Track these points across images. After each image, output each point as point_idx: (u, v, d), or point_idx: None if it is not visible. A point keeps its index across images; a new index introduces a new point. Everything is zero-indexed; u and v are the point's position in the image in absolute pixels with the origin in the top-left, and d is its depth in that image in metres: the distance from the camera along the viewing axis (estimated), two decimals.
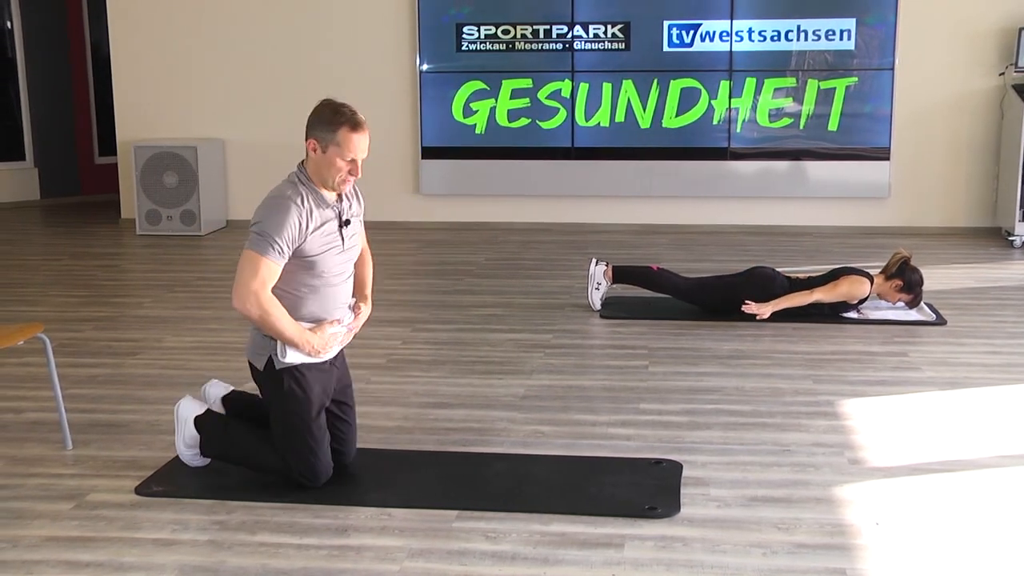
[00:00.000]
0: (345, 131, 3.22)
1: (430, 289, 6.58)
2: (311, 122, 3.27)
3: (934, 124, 8.18)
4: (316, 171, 3.28)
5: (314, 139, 3.25)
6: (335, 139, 3.22)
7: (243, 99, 8.70)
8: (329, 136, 3.22)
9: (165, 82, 8.75)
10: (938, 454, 3.73)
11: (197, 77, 8.72)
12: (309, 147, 3.25)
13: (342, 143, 3.22)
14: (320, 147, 3.24)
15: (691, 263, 6.94)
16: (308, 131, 3.27)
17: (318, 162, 3.25)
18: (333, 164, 3.24)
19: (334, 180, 3.27)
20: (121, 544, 3.06)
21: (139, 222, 8.45)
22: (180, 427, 3.56)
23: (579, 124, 8.38)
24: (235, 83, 8.69)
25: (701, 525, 3.16)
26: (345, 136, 3.22)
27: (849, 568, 2.90)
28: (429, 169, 8.57)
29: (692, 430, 3.96)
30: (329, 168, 3.25)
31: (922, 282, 5.63)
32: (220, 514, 3.25)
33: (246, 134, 8.74)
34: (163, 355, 5.05)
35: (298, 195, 3.25)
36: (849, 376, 4.63)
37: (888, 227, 8.22)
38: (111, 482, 3.49)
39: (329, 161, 3.24)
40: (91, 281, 6.82)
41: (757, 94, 8.20)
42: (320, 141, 3.24)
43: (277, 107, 8.63)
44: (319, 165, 3.26)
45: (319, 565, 2.92)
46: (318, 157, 3.25)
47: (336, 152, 3.23)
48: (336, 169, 3.25)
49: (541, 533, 3.10)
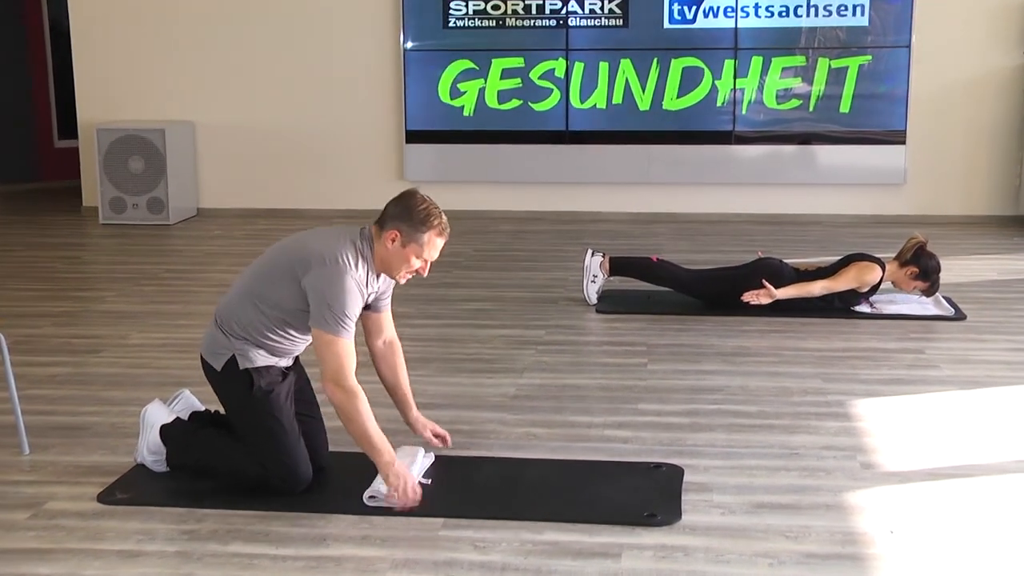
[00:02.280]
0: (433, 235, 3.34)
1: (415, 282, 6.49)
2: (398, 213, 3.33)
3: (954, 105, 8.19)
4: (385, 259, 3.36)
5: (397, 231, 3.32)
6: (421, 239, 3.32)
7: (215, 79, 8.67)
8: (416, 235, 3.31)
9: (130, 60, 8.72)
10: (957, 458, 3.74)
11: (165, 54, 8.68)
12: (388, 236, 3.32)
13: (426, 245, 3.33)
14: (402, 241, 3.32)
15: (693, 254, 6.95)
16: (391, 220, 3.33)
17: (393, 253, 3.34)
18: (407, 260, 3.34)
19: (399, 273, 3.38)
20: (82, 556, 3.05)
21: (102, 210, 8.42)
22: (145, 432, 3.57)
23: (574, 106, 8.38)
24: (206, 61, 8.66)
25: (704, 533, 3.16)
26: (431, 240, 3.34)
27: None
28: (414, 154, 8.56)
29: (694, 432, 3.97)
30: (401, 263, 3.35)
31: (939, 269, 5.62)
32: (189, 523, 3.24)
33: (218, 116, 8.71)
34: (128, 353, 5.03)
35: (358, 272, 3.31)
36: (862, 374, 4.64)
37: (904, 216, 8.23)
38: (71, 489, 3.48)
39: (405, 257, 3.34)
40: (50, 274, 6.80)
41: (764, 74, 8.20)
42: (404, 235, 3.32)
43: (251, 87, 8.61)
44: (392, 256, 3.34)
45: None
46: (394, 249, 3.33)
47: (415, 251, 3.33)
48: (408, 266, 3.36)
49: (533, 542, 3.10)
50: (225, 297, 3.48)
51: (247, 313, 3.37)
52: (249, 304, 3.37)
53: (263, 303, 3.35)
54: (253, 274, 3.43)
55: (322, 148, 8.65)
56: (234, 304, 3.41)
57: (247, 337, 3.38)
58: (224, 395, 3.47)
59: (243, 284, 3.43)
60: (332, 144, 8.64)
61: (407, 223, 3.31)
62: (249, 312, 3.37)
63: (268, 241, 8.09)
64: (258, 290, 3.37)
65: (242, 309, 3.38)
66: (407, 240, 3.31)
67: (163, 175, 8.33)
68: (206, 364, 3.46)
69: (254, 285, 3.39)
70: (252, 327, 3.37)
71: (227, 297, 3.46)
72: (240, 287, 3.43)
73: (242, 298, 3.39)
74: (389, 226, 3.33)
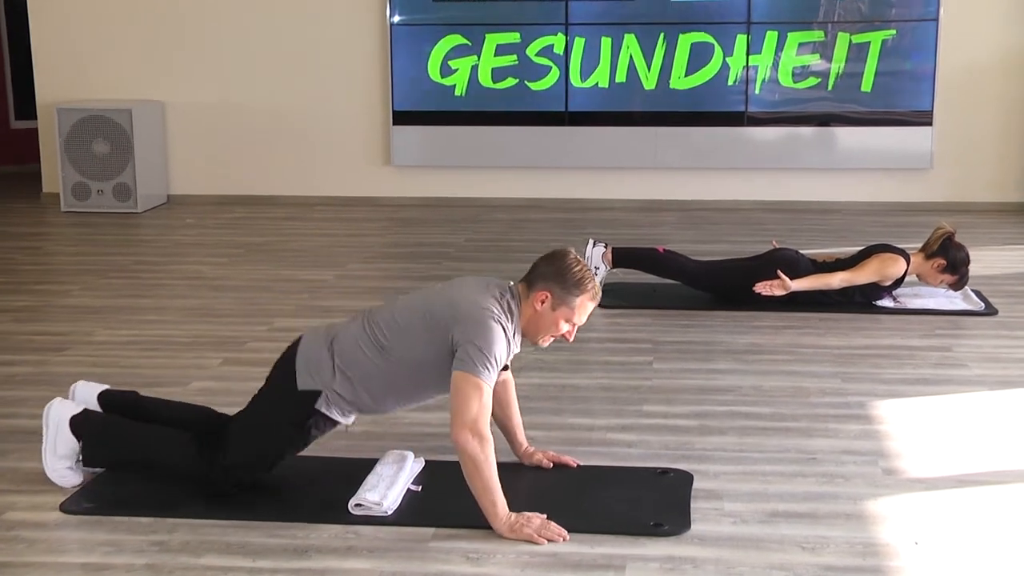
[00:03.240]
0: (586, 299, 3.39)
1: (403, 274, 6.57)
2: (550, 273, 3.37)
3: (984, 84, 8.20)
4: (532, 320, 3.39)
5: (548, 293, 3.35)
6: (573, 303, 3.37)
7: (186, 54, 8.66)
8: (568, 298, 3.36)
9: (94, 32, 8.70)
10: (987, 463, 3.75)
11: (132, 27, 8.67)
12: (538, 297, 3.36)
13: (577, 309, 3.38)
14: (552, 303, 3.36)
15: (702, 244, 6.96)
16: (541, 280, 3.37)
17: (542, 316, 3.37)
18: (556, 324, 3.38)
19: (543, 337, 3.42)
20: (44, 570, 3.05)
21: (64, 197, 8.41)
22: (50, 433, 3.53)
23: (574, 85, 8.38)
24: (177, 35, 8.64)
25: (714, 544, 3.17)
26: (583, 304, 3.39)
27: None
28: (402, 137, 8.56)
29: (703, 435, 3.98)
30: (549, 326, 3.39)
31: (968, 261, 5.63)
32: (160, 533, 3.25)
33: (190, 95, 8.70)
34: (94, 351, 5.04)
35: (506, 329, 3.31)
36: (884, 374, 4.65)
37: (929, 203, 8.23)
38: (32, 498, 3.48)
39: (554, 320, 3.38)
40: (9, 266, 6.80)
41: (779, 50, 8.21)
42: (555, 298, 3.36)
43: (226, 64, 8.60)
44: (541, 318, 3.38)
45: None
46: (543, 311, 3.37)
47: (566, 314, 3.37)
48: (556, 329, 3.40)
49: (530, 554, 3.11)
50: (349, 329, 3.43)
51: (372, 363, 3.35)
52: (378, 354, 3.35)
53: (393, 354, 3.34)
54: (388, 324, 3.38)
55: (302, 130, 8.64)
56: (360, 347, 3.37)
57: (353, 386, 3.36)
58: (274, 394, 3.45)
59: (375, 331, 3.38)
60: (313, 126, 8.63)
61: (559, 285, 3.35)
62: (375, 361, 3.35)
63: (244, 230, 8.10)
64: (392, 342, 3.35)
65: (365, 356, 3.36)
66: (558, 303, 3.35)
67: (130, 159, 8.32)
68: (289, 367, 3.42)
69: (390, 337, 3.36)
70: (369, 378, 3.35)
71: (352, 331, 3.42)
72: (370, 332, 3.39)
73: (371, 346, 3.36)
74: (539, 286, 3.36)
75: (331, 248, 7.18)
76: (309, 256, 6.94)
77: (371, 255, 7.07)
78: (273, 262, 6.76)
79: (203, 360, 4.86)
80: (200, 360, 4.86)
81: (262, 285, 6.18)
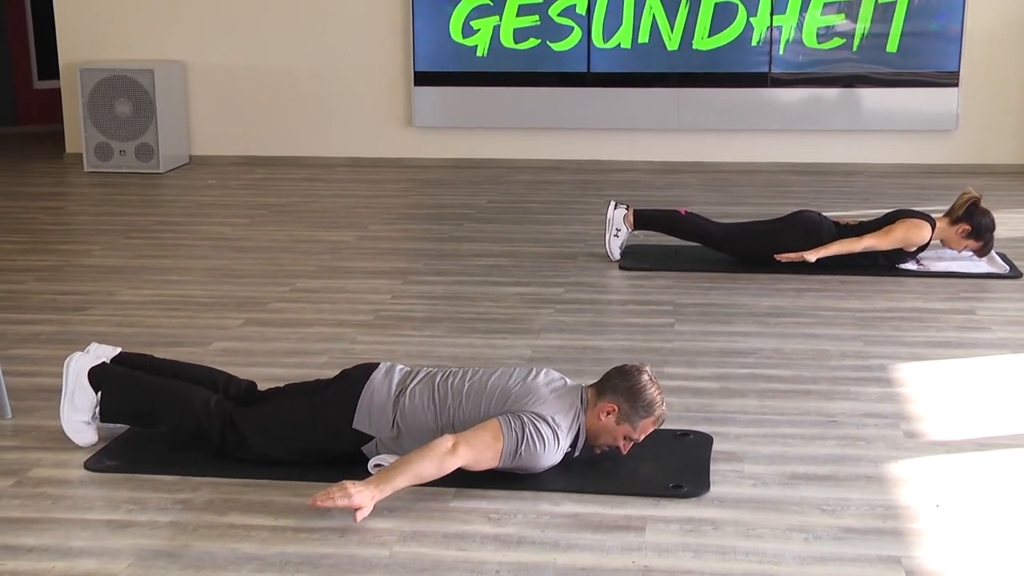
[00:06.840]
0: (651, 422, 3.37)
1: (425, 235, 6.58)
2: (622, 388, 3.35)
3: (1012, 44, 8.11)
4: (595, 429, 3.38)
5: (616, 407, 3.34)
6: (639, 423, 3.35)
7: (208, 14, 8.64)
8: (635, 418, 3.34)
9: None
10: (1009, 427, 3.74)
11: None
12: (604, 408, 3.34)
13: (639, 429, 3.36)
14: (618, 418, 3.35)
15: (724, 206, 6.93)
16: (611, 393, 3.35)
17: (604, 426, 3.36)
18: (616, 437, 3.37)
19: (603, 445, 3.40)
20: (70, 526, 3.08)
21: (87, 157, 8.43)
22: (69, 385, 3.53)
23: (596, 46, 8.33)
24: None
25: (734, 506, 3.18)
26: (647, 425, 3.37)
27: (904, 556, 2.92)
28: (423, 98, 8.54)
29: (724, 398, 3.98)
30: (608, 437, 3.38)
31: (994, 227, 5.60)
32: (184, 491, 3.27)
33: (212, 55, 8.69)
34: (116, 310, 5.06)
35: (564, 434, 3.30)
36: (906, 337, 4.64)
37: (955, 165, 8.18)
38: (57, 456, 3.51)
39: (615, 433, 3.37)
40: (32, 225, 6.83)
41: (803, 10, 8.13)
42: (622, 413, 3.34)
43: (248, 24, 8.58)
44: (603, 429, 3.36)
45: (297, 550, 2.95)
46: (606, 422, 3.35)
47: (627, 431, 3.36)
48: (613, 441, 3.38)
49: (550, 514, 3.13)
50: (417, 393, 3.38)
51: (428, 427, 3.33)
52: (435, 419, 3.33)
53: (456, 426, 3.31)
54: (457, 406, 3.35)
55: (324, 91, 8.62)
56: (425, 412, 3.35)
57: (402, 439, 3.34)
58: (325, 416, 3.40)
59: (445, 402, 3.36)
60: (335, 87, 8.61)
61: (628, 403, 3.33)
62: (431, 426, 3.33)
63: (266, 191, 8.10)
64: (456, 420, 3.33)
65: (426, 421, 3.34)
66: (623, 419, 3.34)
67: (152, 119, 8.32)
68: (350, 401, 3.38)
69: (457, 415, 3.34)
70: (421, 435, 3.30)
71: (421, 394, 3.37)
72: (439, 402, 3.36)
73: (434, 415, 3.34)
74: (608, 398, 3.35)
75: (352, 209, 7.18)
76: (331, 217, 6.94)
77: (392, 216, 7.06)
78: (295, 223, 6.77)
79: (225, 320, 4.88)
80: (222, 320, 4.89)
81: (283, 246, 6.19)
